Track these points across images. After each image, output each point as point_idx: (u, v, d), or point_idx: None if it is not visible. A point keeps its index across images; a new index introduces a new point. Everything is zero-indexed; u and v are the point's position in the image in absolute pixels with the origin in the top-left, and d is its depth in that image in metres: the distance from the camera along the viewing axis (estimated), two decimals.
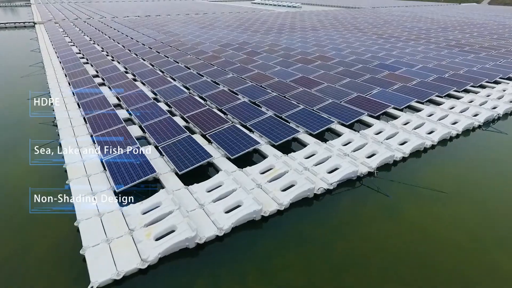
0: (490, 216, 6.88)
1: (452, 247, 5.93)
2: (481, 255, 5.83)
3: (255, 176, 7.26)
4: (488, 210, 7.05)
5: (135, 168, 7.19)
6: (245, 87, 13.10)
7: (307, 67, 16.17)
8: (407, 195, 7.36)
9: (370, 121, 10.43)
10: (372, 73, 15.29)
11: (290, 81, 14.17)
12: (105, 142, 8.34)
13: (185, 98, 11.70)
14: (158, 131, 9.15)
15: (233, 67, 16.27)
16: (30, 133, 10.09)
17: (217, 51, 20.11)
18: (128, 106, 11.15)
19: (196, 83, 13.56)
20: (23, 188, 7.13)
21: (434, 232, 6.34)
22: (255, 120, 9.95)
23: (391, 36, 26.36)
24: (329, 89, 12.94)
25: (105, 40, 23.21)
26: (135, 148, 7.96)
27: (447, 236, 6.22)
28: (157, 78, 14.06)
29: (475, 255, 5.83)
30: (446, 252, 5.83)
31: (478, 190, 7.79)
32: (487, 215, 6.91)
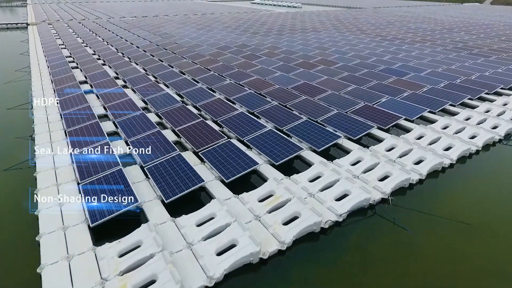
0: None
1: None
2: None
3: (252, 205, 6.32)
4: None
5: (114, 197, 6.24)
6: (243, 95, 12.15)
7: (309, 72, 15.22)
8: (427, 227, 6.42)
9: (380, 134, 9.49)
10: (379, 79, 14.34)
11: (292, 88, 13.23)
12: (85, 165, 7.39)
13: (178, 108, 10.75)
14: (145, 147, 8.20)
15: (231, 72, 15.32)
16: (3, 152, 9.16)
17: (214, 54, 19.16)
18: (115, 117, 10.20)
19: (190, 91, 12.61)
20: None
21: (460, 273, 5.41)
22: (254, 134, 9.00)
23: (395, 38, 25.41)
24: (334, 98, 12.00)
25: (98, 43, 22.26)
26: (116, 171, 7.02)
27: (474, 278, 5.29)
28: (149, 85, 13.11)
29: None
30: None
31: (505, 219, 6.84)
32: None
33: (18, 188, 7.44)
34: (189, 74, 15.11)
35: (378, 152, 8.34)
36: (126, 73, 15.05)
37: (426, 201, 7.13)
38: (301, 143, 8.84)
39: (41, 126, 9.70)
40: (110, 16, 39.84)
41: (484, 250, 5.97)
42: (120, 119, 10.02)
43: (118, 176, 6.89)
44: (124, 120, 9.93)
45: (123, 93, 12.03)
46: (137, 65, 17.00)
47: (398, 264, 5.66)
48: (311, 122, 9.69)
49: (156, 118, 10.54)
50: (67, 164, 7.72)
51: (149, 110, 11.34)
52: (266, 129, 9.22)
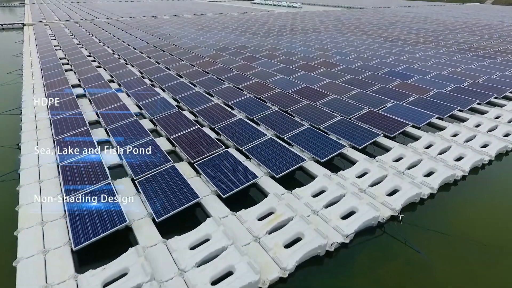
0: None
1: None
2: None
3: (251, 224, 5.81)
4: None
5: (102, 217, 5.73)
6: (242, 100, 11.64)
7: (310, 76, 14.71)
8: (440, 248, 5.91)
9: (387, 143, 8.98)
10: (383, 82, 13.84)
11: (293, 92, 12.72)
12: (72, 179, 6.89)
13: (173, 114, 10.24)
14: (137, 158, 7.69)
15: (230, 75, 14.81)
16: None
17: (213, 56, 18.65)
18: (107, 124, 9.69)
19: (187, 95, 12.10)
20: None
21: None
22: (253, 143, 8.50)
23: (398, 39, 24.90)
24: (337, 102, 11.49)
25: (94, 44, 21.74)
26: (105, 186, 6.52)
27: None
28: (144, 89, 12.60)
29: None
30: None
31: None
32: None
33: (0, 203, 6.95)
34: (186, 77, 14.60)
35: (385, 162, 7.83)
36: (121, 76, 14.54)
37: (439, 218, 6.63)
38: (303, 152, 8.33)
39: (28, 134, 9.19)
40: (108, 16, 39.33)
41: (503, 275, 5.47)
42: (112, 126, 9.51)
43: (106, 191, 6.38)
44: (116, 127, 9.42)
45: (117, 98, 11.52)
46: (133, 68, 16.49)
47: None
48: (313, 130, 9.18)
49: (150, 125, 10.02)
50: (53, 177, 7.22)
51: (144, 115, 10.83)
52: (266, 137, 8.71)
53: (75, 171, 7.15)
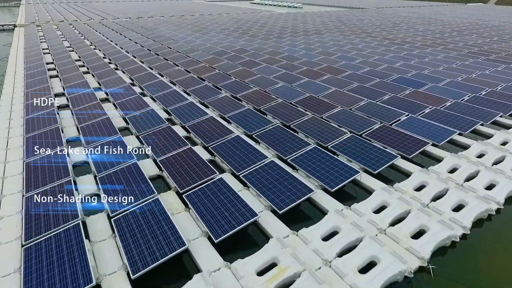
0: None
1: None
2: None
3: (248, 281, 4.69)
4: None
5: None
6: (240, 112, 10.53)
7: (315, 83, 13.59)
8: None
9: (404, 166, 7.87)
10: (393, 91, 12.73)
11: (296, 102, 11.61)
12: (36, 219, 5.77)
13: (163, 130, 9.12)
14: (116, 189, 6.58)
15: (227, 83, 13.69)
16: None
17: (210, 60, 17.53)
18: (88, 143, 8.57)
19: (179, 107, 10.98)
20: None
21: None
22: (251, 168, 7.39)
23: (404, 42, 23.78)
24: (345, 115, 10.38)
25: (85, 47, 20.61)
26: (72, 227, 5.40)
27: None
28: (132, 100, 11.48)
29: None
30: None
31: None
32: None
33: None
34: (180, 85, 13.48)
35: (405, 192, 6.72)
36: (110, 84, 13.42)
37: (473, 265, 5.53)
38: (310, 179, 7.23)
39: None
40: (104, 17, 38.20)
41: None
42: (93, 145, 8.39)
43: (73, 235, 5.28)
44: (97, 148, 8.30)
45: (102, 111, 10.40)
46: (124, 74, 15.38)
47: None
48: (320, 151, 8.07)
49: (136, 142, 8.91)
50: (17, 212, 6.11)
51: (130, 131, 9.72)
52: (266, 160, 7.60)
53: (40, 212, 6.04)
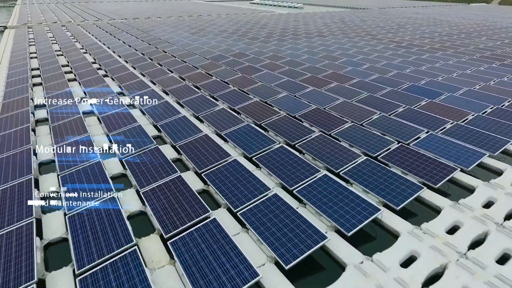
0: None
1: None
2: None
3: None
4: None
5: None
6: (239, 128, 9.37)
7: (320, 93, 12.44)
8: None
9: (431, 198, 6.72)
10: (407, 102, 11.59)
11: (301, 116, 10.46)
12: None
13: (150, 152, 7.97)
14: (86, 231, 5.44)
15: (225, 92, 12.54)
16: None
17: (206, 66, 16.38)
18: (62, 169, 7.42)
19: (171, 122, 9.83)
20: None
21: None
22: (251, 203, 6.24)
23: (412, 45, 22.63)
24: (357, 133, 9.22)
25: (75, 52, 19.44)
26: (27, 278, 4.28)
27: None
28: (119, 114, 10.33)
29: None
30: None
31: None
32: None
33: None
34: (173, 95, 12.32)
35: (436, 235, 5.58)
36: (97, 94, 12.27)
37: None
38: (320, 217, 6.08)
39: None
40: (99, 18, 37.04)
41: None
42: (68, 171, 7.24)
43: None
44: (72, 173, 7.16)
45: (82, 126, 9.24)
46: (113, 81, 14.22)
47: None
48: (332, 180, 6.92)
49: (119, 167, 7.75)
50: None
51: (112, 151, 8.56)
52: (269, 193, 6.45)
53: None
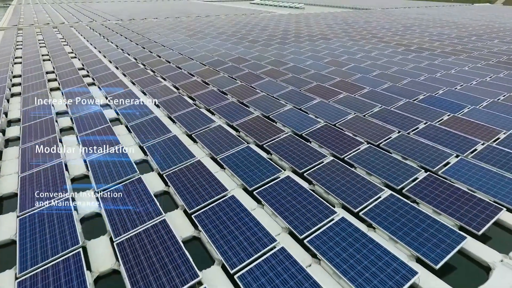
0: None
1: None
2: None
3: None
4: None
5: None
6: (238, 152, 8.08)
7: (329, 106, 11.14)
8: None
9: (472, 247, 5.44)
10: (427, 117, 10.31)
11: (309, 134, 9.17)
12: None
13: (130, 186, 6.68)
14: None
15: (222, 105, 11.25)
16: None
17: (203, 73, 15.09)
18: (22, 208, 6.13)
19: (158, 143, 8.53)
20: None
21: None
22: (253, 261, 4.95)
23: (421, 48, 21.33)
24: (374, 156, 7.93)
25: (63, 56, 18.14)
26: None
27: None
28: (101, 130, 9.04)
29: None
30: None
31: None
32: None
33: None
34: (164, 108, 11.03)
35: None
36: (79, 107, 10.98)
37: None
38: (340, 280, 4.79)
39: None
40: (93, 19, 35.73)
41: None
42: (31, 212, 5.95)
43: None
44: (33, 215, 5.87)
45: (56, 155, 7.94)
46: (100, 91, 12.93)
47: None
48: (349, 224, 5.62)
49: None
50: None
51: (87, 179, 7.27)
52: (274, 247, 5.15)
53: None
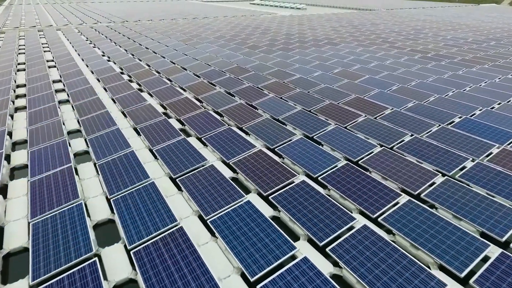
0: None
1: None
2: None
3: None
4: None
5: None
6: (235, 210, 6.03)
7: (348, 134, 9.09)
8: None
9: None
10: (472, 150, 8.28)
11: (325, 178, 7.13)
12: None
13: (78, 280, 4.65)
14: None
15: (217, 132, 9.20)
16: None
17: (196, 88, 13.05)
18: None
19: (132, 194, 6.48)
20: None
21: None
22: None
23: (439, 55, 19.31)
24: (418, 218, 5.89)
25: (40, 66, 16.09)
26: None
27: None
28: (58, 174, 6.99)
29: None
30: None
31: None
32: None
33: None
34: (146, 137, 8.95)
35: None
36: (43, 136, 8.93)
37: None
38: None
39: None
40: (84, 21, 33.65)
41: None
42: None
43: None
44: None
45: (1, 205, 5.92)
46: (72, 111, 10.89)
47: None
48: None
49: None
50: None
51: None
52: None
53: None
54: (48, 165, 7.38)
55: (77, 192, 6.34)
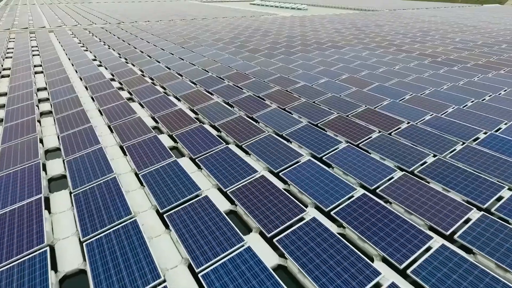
0: None
1: None
2: None
3: None
4: None
5: None
6: (232, 260, 4.95)
7: (361, 155, 8.01)
8: None
9: None
10: (501, 174, 7.22)
11: (338, 213, 6.05)
12: None
13: None
14: None
15: (213, 152, 8.12)
16: None
17: (192, 97, 11.98)
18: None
19: (107, 238, 5.41)
20: None
21: None
22: None
23: (450, 60, 18.25)
24: (449, 267, 4.82)
25: (25, 72, 15.02)
26: None
27: None
28: (25, 208, 5.92)
29: None
30: None
31: None
32: None
33: None
34: (132, 158, 7.88)
35: None
36: (13, 155, 7.86)
37: None
38: None
39: None
40: (79, 22, 32.55)
41: None
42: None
43: None
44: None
45: None
46: (53, 125, 9.82)
47: None
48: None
49: None
50: None
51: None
52: None
53: None
54: (15, 195, 6.31)
55: (43, 235, 5.27)
